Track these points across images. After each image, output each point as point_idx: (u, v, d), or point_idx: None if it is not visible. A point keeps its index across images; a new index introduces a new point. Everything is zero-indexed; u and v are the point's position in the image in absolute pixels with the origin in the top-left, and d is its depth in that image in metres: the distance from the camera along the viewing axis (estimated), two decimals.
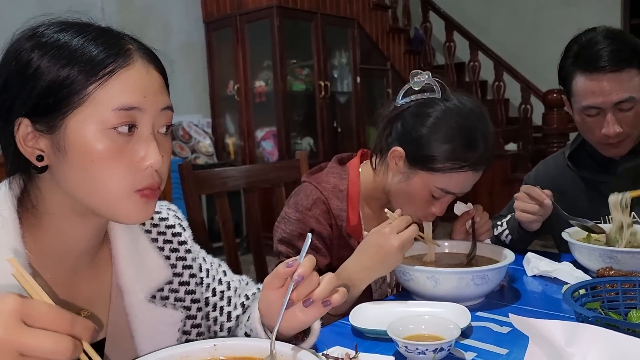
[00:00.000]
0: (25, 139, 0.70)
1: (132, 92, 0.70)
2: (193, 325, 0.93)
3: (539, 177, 1.66)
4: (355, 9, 4.95)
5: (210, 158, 4.55)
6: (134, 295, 0.84)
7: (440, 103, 1.19)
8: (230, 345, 0.76)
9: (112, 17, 3.44)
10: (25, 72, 0.69)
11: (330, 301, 0.79)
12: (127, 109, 0.69)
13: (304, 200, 1.28)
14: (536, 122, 5.00)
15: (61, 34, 0.71)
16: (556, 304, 1.13)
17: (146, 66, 0.73)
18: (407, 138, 1.20)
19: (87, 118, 0.68)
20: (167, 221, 0.95)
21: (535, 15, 5.78)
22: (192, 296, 0.93)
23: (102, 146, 0.68)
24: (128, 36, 0.77)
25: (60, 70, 0.68)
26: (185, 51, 4.57)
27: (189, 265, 0.94)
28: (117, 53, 0.70)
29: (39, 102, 0.68)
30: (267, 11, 4.25)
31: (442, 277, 1.10)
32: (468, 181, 1.20)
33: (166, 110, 0.75)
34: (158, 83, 0.75)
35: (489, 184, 4.92)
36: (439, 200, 1.22)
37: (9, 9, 3.59)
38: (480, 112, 1.21)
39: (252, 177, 1.74)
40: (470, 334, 0.99)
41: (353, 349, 0.89)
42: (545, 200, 1.36)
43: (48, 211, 0.75)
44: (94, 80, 0.68)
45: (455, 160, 1.15)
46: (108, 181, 0.70)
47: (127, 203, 0.72)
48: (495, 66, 5.15)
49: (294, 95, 4.53)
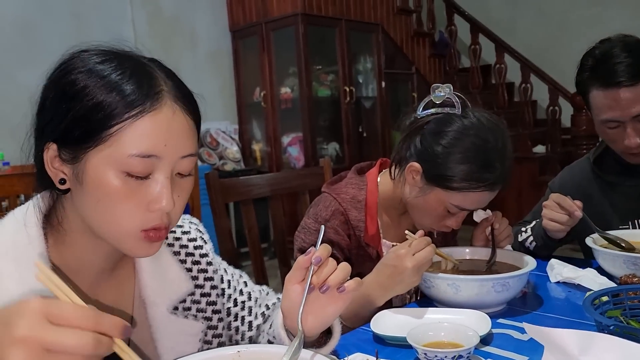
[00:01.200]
0: (53, 161, 0.73)
1: (153, 139, 0.70)
2: (214, 335, 0.96)
3: (564, 183, 1.65)
4: (380, 14, 4.96)
5: (237, 164, 4.62)
6: (156, 307, 0.87)
7: (459, 121, 1.19)
8: (254, 352, 0.78)
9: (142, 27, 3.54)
10: (61, 97, 0.71)
11: (344, 287, 0.82)
12: (144, 157, 0.69)
13: (323, 211, 1.31)
14: (565, 124, 4.92)
15: (102, 65, 0.72)
16: (579, 311, 1.12)
17: (173, 109, 0.72)
18: (425, 155, 1.21)
19: (106, 157, 0.70)
20: (189, 234, 0.98)
21: (562, 15, 5.69)
22: (213, 307, 0.96)
23: (116, 185, 0.70)
24: (165, 73, 0.75)
25: (90, 104, 0.69)
26: (212, 59, 4.65)
27: (210, 277, 0.97)
28: (147, 95, 0.70)
29: (67, 132, 0.70)
30: (292, 18, 4.30)
31: (463, 284, 1.11)
32: (484, 199, 1.22)
33: (188, 157, 0.75)
34: (184, 129, 0.74)
35: (517, 187, 4.86)
36: (455, 215, 1.24)
37: (44, 21, 3.73)
38: (498, 130, 1.20)
39: (276, 185, 1.78)
40: (490, 341, 0.99)
41: (374, 355, 0.91)
42: (576, 212, 1.35)
43: (71, 228, 0.78)
44: (118, 121, 0.69)
45: (471, 180, 1.16)
46: (117, 217, 0.71)
47: (132, 240, 0.73)
48: (522, 68, 5.09)
49: (320, 101, 4.56)
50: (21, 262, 0.74)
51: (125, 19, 4.15)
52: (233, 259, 1.50)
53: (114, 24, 4.09)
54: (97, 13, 3.99)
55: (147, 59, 0.76)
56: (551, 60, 5.37)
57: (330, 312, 0.84)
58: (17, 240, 0.75)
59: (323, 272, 0.81)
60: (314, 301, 0.82)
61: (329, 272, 0.82)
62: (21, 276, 0.73)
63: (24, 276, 0.73)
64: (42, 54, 3.67)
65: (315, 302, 0.83)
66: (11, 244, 0.75)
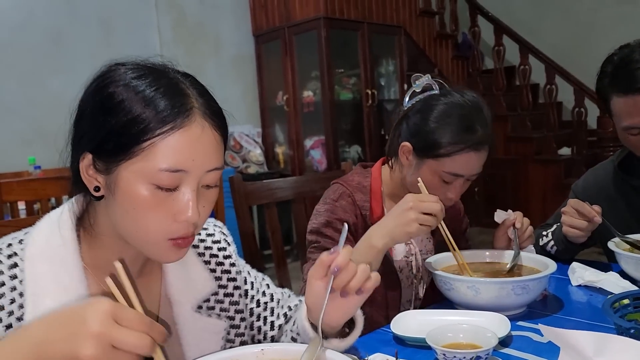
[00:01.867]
0: (87, 169, 0.77)
1: (182, 154, 0.73)
2: (237, 334, 0.99)
3: (587, 186, 1.64)
4: (402, 16, 4.96)
5: (260, 167, 4.67)
6: (181, 305, 0.91)
7: (438, 98, 1.31)
8: (277, 350, 0.81)
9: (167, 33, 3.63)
10: (99, 110, 0.75)
11: (363, 289, 0.85)
12: (173, 171, 0.73)
13: (331, 194, 1.41)
14: (591, 126, 4.85)
15: (138, 80, 0.75)
16: (600, 314, 1.12)
17: (202, 126, 0.75)
18: (412, 133, 1.32)
19: (137, 170, 0.73)
20: (213, 237, 1.01)
21: (588, 15, 5.61)
22: (235, 307, 0.99)
23: (145, 197, 0.74)
24: (197, 90, 0.78)
25: (126, 119, 0.72)
26: (236, 64, 4.72)
27: (234, 278, 1.01)
28: (178, 112, 0.73)
29: (102, 145, 0.74)
30: (314, 22, 4.34)
31: (483, 286, 1.12)
32: (472, 162, 1.28)
33: (214, 171, 0.78)
34: (212, 144, 0.77)
35: (542, 189, 4.81)
36: (452, 185, 1.30)
37: (73, 29, 3.83)
38: (476, 100, 1.31)
39: (299, 188, 1.80)
40: (509, 344, 1.00)
41: (394, 355, 0.93)
42: (595, 218, 1.35)
43: (102, 232, 0.82)
44: (151, 137, 0.72)
45: (456, 143, 1.25)
46: (145, 227, 0.75)
47: (160, 248, 0.78)
48: (546, 69, 5.04)
49: (342, 104, 4.59)
50: (55, 261, 0.79)
51: (151, 26, 4.24)
52: (256, 262, 1.53)
53: (140, 30, 4.18)
54: (124, 20, 4.08)
55: (181, 74, 0.79)
56: (577, 60, 5.29)
57: (351, 305, 0.87)
58: (52, 241, 0.80)
59: (343, 278, 0.84)
60: (335, 297, 0.85)
61: (349, 277, 0.84)
62: (55, 275, 0.78)
63: (57, 275, 0.78)
64: (71, 61, 3.78)
65: (337, 299, 0.86)
66: (46, 245, 0.80)
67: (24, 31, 3.62)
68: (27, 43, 3.63)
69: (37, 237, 0.81)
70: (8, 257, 0.78)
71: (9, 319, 0.74)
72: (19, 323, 0.75)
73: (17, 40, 3.59)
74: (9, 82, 3.55)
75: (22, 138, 3.53)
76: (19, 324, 0.75)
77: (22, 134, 3.55)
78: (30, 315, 0.75)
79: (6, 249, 0.79)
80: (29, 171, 3.13)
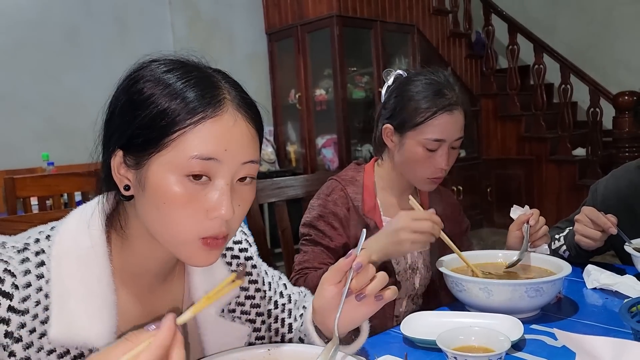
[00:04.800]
0: (119, 167, 0.75)
1: (213, 143, 0.71)
2: (257, 337, 0.97)
3: (608, 194, 1.58)
4: (415, 14, 4.92)
5: (272, 165, 4.66)
6: (206, 309, 0.86)
7: (409, 79, 1.42)
8: (284, 351, 0.80)
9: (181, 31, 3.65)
10: (128, 106, 0.73)
11: (382, 296, 0.84)
12: (204, 159, 0.70)
13: (325, 189, 1.48)
14: (606, 126, 4.78)
15: (169, 74, 0.73)
16: (616, 318, 1.10)
17: (235, 117, 0.73)
18: (389, 114, 1.42)
19: (167, 162, 0.71)
20: (234, 237, 0.99)
21: (605, 13, 5.53)
22: (257, 310, 0.97)
23: (175, 191, 0.70)
24: (229, 83, 0.77)
25: (155, 112, 0.71)
26: (249, 62, 4.71)
27: (255, 280, 0.98)
28: (209, 103, 0.71)
29: (132, 139, 0.72)
30: (327, 20, 4.32)
31: (495, 288, 1.10)
32: (449, 124, 1.35)
33: (249, 164, 0.75)
34: (245, 136, 0.74)
35: (556, 190, 4.75)
36: (437, 153, 1.36)
37: (88, 26, 3.86)
38: (441, 71, 1.41)
39: (310, 187, 1.79)
40: (522, 347, 0.99)
41: (403, 357, 0.92)
42: (611, 229, 1.33)
43: (133, 234, 0.79)
44: (180, 128, 0.70)
45: (429, 108, 1.34)
46: (175, 224, 0.72)
47: (191, 248, 0.74)
48: (561, 68, 4.96)
49: (354, 102, 4.56)
50: (83, 263, 0.76)
51: (165, 23, 4.25)
52: (267, 260, 1.51)
53: (154, 28, 4.19)
54: (138, 17, 4.10)
55: (212, 69, 0.78)
56: (592, 60, 5.23)
57: (361, 314, 0.86)
58: (80, 241, 0.77)
59: (362, 279, 0.83)
60: (346, 303, 0.84)
61: (368, 278, 0.83)
62: (82, 277, 0.75)
63: (85, 278, 0.75)
64: (86, 58, 3.81)
65: (348, 304, 0.84)
66: (74, 245, 0.77)
67: (40, 28, 3.65)
68: (43, 40, 3.66)
69: (65, 235, 0.78)
70: (36, 255, 0.75)
71: (33, 322, 0.71)
72: (43, 327, 0.72)
73: (32, 37, 3.62)
74: (24, 78, 3.58)
75: (36, 134, 3.56)
76: (43, 327, 0.72)
77: (37, 130, 3.58)
78: (55, 319, 0.72)
79: (34, 244, 0.76)
80: (42, 167, 3.15)
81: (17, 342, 0.69)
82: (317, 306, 0.89)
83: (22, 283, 0.71)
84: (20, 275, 0.72)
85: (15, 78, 3.54)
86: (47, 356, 0.72)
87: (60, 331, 0.72)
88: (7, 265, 0.71)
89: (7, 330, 0.69)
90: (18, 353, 0.69)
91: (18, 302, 0.70)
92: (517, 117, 5.16)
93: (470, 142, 5.26)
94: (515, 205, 1.39)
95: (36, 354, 0.71)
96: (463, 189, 4.69)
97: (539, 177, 4.90)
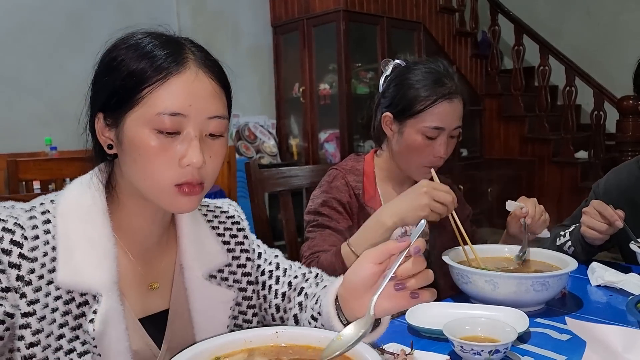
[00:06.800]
0: (102, 130, 0.83)
1: (178, 98, 0.77)
2: (249, 305, 1.01)
3: (609, 187, 1.60)
4: (422, 12, 4.91)
5: (274, 158, 4.66)
6: (192, 271, 0.93)
7: (408, 67, 1.42)
8: (292, 334, 0.80)
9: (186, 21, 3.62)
10: (104, 72, 0.81)
11: (419, 294, 0.79)
12: (171, 114, 0.77)
13: (327, 178, 1.49)
14: (609, 130, 4.78)
15: (139, 40, 0.81)
16: (621, 314, 1.10)
17: (197, 73, 0.79)
18: (389, 102, 1.42)
19: (139, 117, 0.78)
20: (227, 213, 1.05)
21: (612, 17, 5.52)
22: (248, 278, 1.02)
23: (148, 143, 0.78)
24: (195, 46, 0.83)
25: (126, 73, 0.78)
26: (253, 54, 4.70)
27: (247, 249, 1.03)
28: (173, 61, 0.78)
29: (109, 100, 0.80)
30: (333, 15, 4.31)
31: (501, 281, 1.10)
32: (448, 113, 1.36)
33: (215, 119, 0.81)
34: (209, 91, 0.80)
35: (557, 192, 4.75)
36: (436, 141, 1.36)
37: (92, 12, 3.84)
38: (440, 61, 1.42)
39: (315, 177, 1.79)
40: (528, 339, 0.99)
41: (409, 346, 0.91)
42: (617, 222, 1.33)
43: (122, 192, 0.86)
44: (149, 84, 0.77)
45: (429, 96, 1.35)
46: (151, 173, 0.79)
47: (168, 195, 0.80)
48: (566, 70, 4.96)
49: (358, 98, 4.55)
50: (85, 219, 0.83)
51: (170, 12, 4.23)
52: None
53: (159, 16, 4.17)
54: (143, 6, 4.08)
55: (180, 37, 0.85)
56: (598, 63, 5.22)
57: (391, 305, 0.80)
58: (82, 201, 0.84)
59: (411, 268, 0.78)
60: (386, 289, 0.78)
61: (419, 269, 0.78)
62: (85, 232, 0.82)
63: (87, 232, 0.82)
64: (90, 44, 3.76)
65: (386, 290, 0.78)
66: (76, 204, 0.84)
67: (44, 13, 3.63)
68: (47, 25, 3.64)
69: (68, 197, 0.85)
70: (42, 214, 0.82)
71: (41, 270, 0.78)
72: (50, 275, 0.78)
73: (36, 21, 3.60)
74: (28, 63, 3.57)
75: (39, 119, 3.54)
76: (51, 275, 0.78)
77: (40, 115, 3.56)
78: (62, 268, 0.79)
79: (39, 206, 0.83)
80: (45, 151, 3.15)
81: (28, 285, 0.76)
82: (347, 280, 0.84)
83: (31, 235, 0.78)
84: (29, 229, 0.78)
85: (18, 62, 3.53)
86: (54, 301, 0.78)
87: (67, 277, 0.79)
88: (16, 220, 0.78)
89: (18, 274, 0.75)
90: (28, 295, 0.76)
91: (28, 250, 0.77)
92: (520, 118, 5.16)
93: (473, 141, 5.25)
94: (510, 201, 1.39)
95: (45, 297, 0.77)
96: (464, 188, 4.69)
97: (540, 179, 4.90)
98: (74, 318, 0.80)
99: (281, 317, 1.04)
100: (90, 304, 0.81)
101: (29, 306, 0.76)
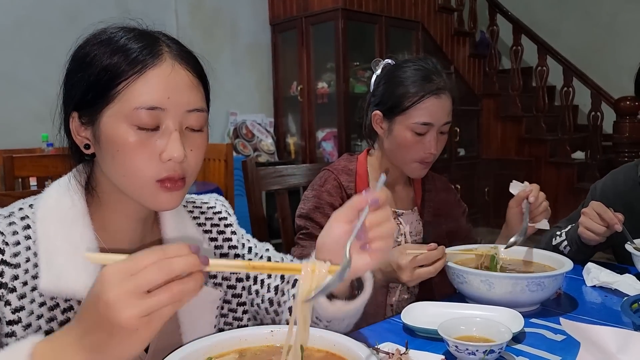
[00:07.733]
0: (78, 129, 0.81)
1: (155, 92, 0.75)
2: (239, 303, 1.00)
3: (606, 190, 1.60)
4: (420, 11, 4.91)
5: (271, 156, 4.65)
6: None
7: (397, 66, 1.43)
8: (286, 333, 0.79)
9: (184, 18, 3.61)
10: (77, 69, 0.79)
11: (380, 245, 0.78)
12: (149, 109, 0.75)
13: (318, 180, 1.48)
14: (606, 131, 4.79)
15: (111, 35, 0.79)
16: (616, 315, 1.11)
17: (172, 65, 0.78)
18: (378, 100, 1.43)
19: (115, 113, 0.76)
20: (214, 208, 1.03)
21: (610, 18, 5.53)
22: (237, 275, 1.00)
23: (126, 138, 0.75)
24: (169, 39, 0.82)
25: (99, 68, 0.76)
26: (251, 52, 4.69)
27: (235, 246, 1.02)
28: (148, 54, 0.76)
29: (84, 97, 0.77)
30: (332, 13, 4.30)
31: (497, 281, 1.10)
32: (437, 108, 1.36)
33: (195, 112, 0.79)
34: (186, 83, 0.78)
35: (554, 192, 4.76)
36: (426, 137, 1.37)
37: (89, 8, 3.83)
38: (427, 58, 1.42)
39: (313, 176, 1.78)
40: (522, 340, 0.99)
41: (404, 345, 0.91)
42: (616, 225, 1.32)
43: (103, 191, 0.84)
44: (124, 79, 0.75)
45: (417, 92, 1.35)
46: (131, 169, 0.77)
47: (150, 191, 0.78)
48: (564, 71, 4.97)
49: (356, 97, 4.55)
50: (66, 222, 0.81)
51: (168, 9, 4.22)
52: None
53: (157, 13, 4.15)
54: (140, 2, 4.07)
55: (154, 30, 0.83)
56: (596, 64, 5.23)
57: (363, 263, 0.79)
58: (62, 203, 0.82)
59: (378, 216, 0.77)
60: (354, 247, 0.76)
61: (384, 218, 0.77)
62: (67, 235, 0.80)
63: (69, 235, 0.80)
64: None
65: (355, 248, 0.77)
66: (56, 207, 0.82)
67: (40, 9, 3.62)
68: (43, 21, 3.63)
69: (47, 200, 0.83)
70: (21, 219, 0.80)
71: (25, 276, 0.77)
72: (34, 281, 0.77)
73: (33, 17, 3.59)
74: (24, 59, 3.56)
75: (35, 115, 3.53)
76: (34, 282, 0.77)
77: (36, 111, 3.54)
78: (44, 274, 0.77)
79: (18, 212, 0.82)
80: (41, 148, 3.13)
81: (12, 292, 0.75)
82: (320, 242, 0.84)
83: (12, 241, 0.77)
84: (10, 235, 0.77)
85: (15, 58, 3.52)
86: (39, 308, 0.77)
87: (50, 283, 0.77)
88: None
89: (1, 281, 0.74)
90: (13, 302, 0.75)
91: (10, 256, 0.76)
92: (518, 118, 5.17)
93: (470, 141, 5.26)
94: (515, 181, 1.39)
95: (30, 304, 0.76)
96: (461, 188, 4.69)
97: (537, 179, 4.90)
98: (59, 324, 0.78)
99: (275, 310, 1.03)
100: (75, 309, 0.79)
101: (13, 314, 0.74)
